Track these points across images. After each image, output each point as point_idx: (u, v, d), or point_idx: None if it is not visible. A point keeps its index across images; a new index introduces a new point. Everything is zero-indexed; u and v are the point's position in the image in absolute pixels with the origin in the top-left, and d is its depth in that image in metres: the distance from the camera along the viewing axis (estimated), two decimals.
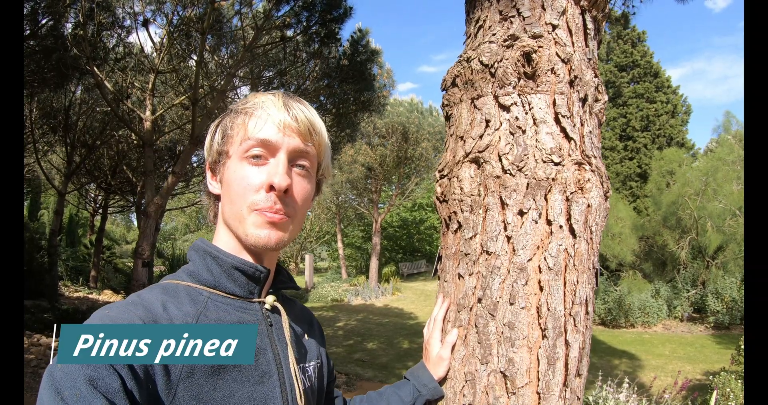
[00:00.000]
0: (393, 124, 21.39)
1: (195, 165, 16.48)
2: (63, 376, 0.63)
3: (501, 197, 1.19)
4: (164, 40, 9.55)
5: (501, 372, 1.15)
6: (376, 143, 22.13)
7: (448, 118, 1.45)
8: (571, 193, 1.18)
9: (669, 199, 15.93)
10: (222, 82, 9.32)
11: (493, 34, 1.36)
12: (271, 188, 0.85)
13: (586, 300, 1.23)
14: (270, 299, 0.94)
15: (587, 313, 1.24)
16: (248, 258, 0.91)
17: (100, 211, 20.90)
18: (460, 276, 1.26)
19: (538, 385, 1.14)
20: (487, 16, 1.43)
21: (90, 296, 15.77)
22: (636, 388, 5.85)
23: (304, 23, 9.35)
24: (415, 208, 31.04)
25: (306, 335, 1.05)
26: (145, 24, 9.22)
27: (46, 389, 0.63)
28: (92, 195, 21.98)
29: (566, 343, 1.17)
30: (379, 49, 12.18)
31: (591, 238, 1.24)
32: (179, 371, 0.74)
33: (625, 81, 22.40)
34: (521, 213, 1.17)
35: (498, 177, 1.20)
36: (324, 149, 0.96)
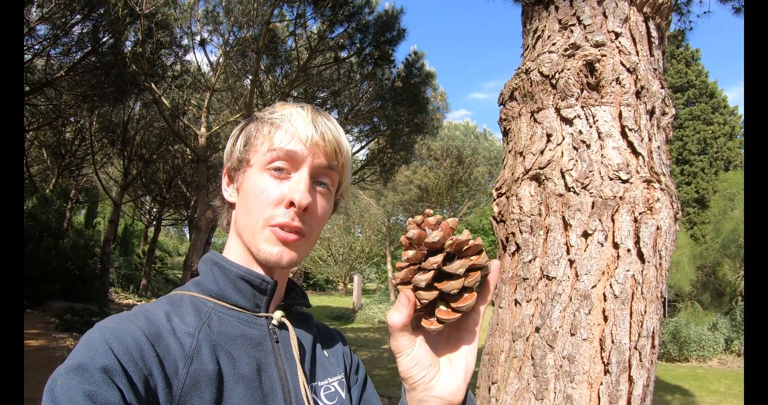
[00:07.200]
0: (448, 147, 21.43)
1: None
2: (62, 391, 0.62)
3: (564, 217, 1.10)
4: (220, 59, 9.86)
5: None
6: (429, 166, 22.19)
7: (506, 133, 1.37)
8: (640, 214, 1.08)
9: (730, 226, 15.20)
10: (276, 102, 9.51)
11: (553, 44, 1.28)
12: (291, 204, 0.83)
13: (653, 332, 1.11)
14: (277, 315, 0.90)
15: (653, 346, 1.12)
16: (258, 270, 0.88)
17: (154, 222, 21.65)
18: (516, 302, 1.16)
19: None
20: (545, 26, 1.35)
21: (139, 304, 16.25)
22: None
23: (358, 45, 9.50)
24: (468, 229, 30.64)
25: (325, 351, 1.00)
26: (202, 44, 9.56)
27: None
28: (147, 207, 22.81)
29: (630, 379, 1.06)
30: (434, 72, 12.05)
31: (660, 264, 1.13)
32: (182, 384, 0.72)
33: (681, 102, 21.73)
34: (586, 235, 1.08)
35: (561, 195, 1.11)
36: (347, 169, 0.94)
